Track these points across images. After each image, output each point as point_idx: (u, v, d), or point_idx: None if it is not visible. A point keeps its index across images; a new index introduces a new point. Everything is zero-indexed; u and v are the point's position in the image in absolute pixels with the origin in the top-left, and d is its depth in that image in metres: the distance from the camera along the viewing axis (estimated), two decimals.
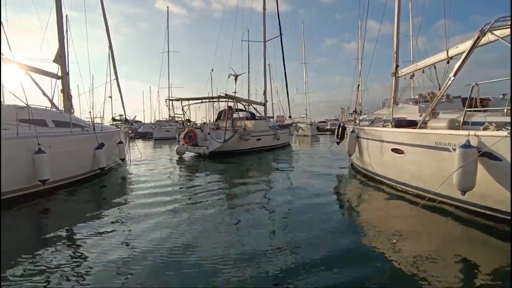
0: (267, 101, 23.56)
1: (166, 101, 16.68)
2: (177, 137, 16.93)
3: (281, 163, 13.38)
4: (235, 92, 20.99)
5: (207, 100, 18.37)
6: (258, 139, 17.62)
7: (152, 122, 46.00)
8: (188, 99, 17.48)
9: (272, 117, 24.69)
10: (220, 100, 17.83)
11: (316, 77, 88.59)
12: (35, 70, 9.22)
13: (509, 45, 4.70)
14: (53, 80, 10.06)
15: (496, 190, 4.48)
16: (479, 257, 3.68)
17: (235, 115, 17.82)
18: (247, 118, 18.73)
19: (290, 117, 25.34)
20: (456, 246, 4.03)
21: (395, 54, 10.76)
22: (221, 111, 19.37)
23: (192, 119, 20.44)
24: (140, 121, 52.13)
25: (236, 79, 22.95)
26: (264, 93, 23.46)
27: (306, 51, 50.59)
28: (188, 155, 15.68)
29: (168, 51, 36.47)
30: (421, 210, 5.38)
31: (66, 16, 13.52)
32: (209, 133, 15.53)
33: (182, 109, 17.49)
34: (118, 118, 42.58)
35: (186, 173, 10.85)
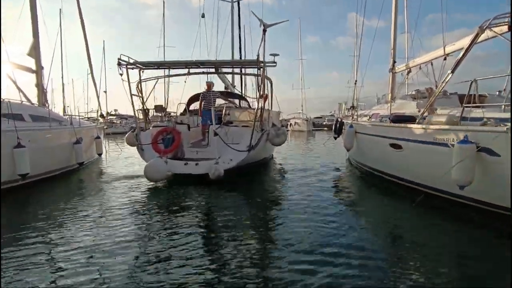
0: (235, 85, 16.26)
1: (118, 67, 8.35)
2: (137, 140, 8.65)
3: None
4: (274, 55, 9.72)
5: (213, 71, 10.58)
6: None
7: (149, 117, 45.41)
8: (168, 65, 9.40)
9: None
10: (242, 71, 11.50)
11: (305, 74, 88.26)
12: (14, 66, 9.04)
13: (509, 41, 4.76)
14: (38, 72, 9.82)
15: (494, 185, 4.56)
16: (476, 253, 3.74)
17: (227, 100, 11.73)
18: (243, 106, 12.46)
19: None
20: (453, 241, 4.10)
21: (392, 50, 10.84)
22: (195, 95, 11.44)
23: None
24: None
25: (264, 32, 11.71)
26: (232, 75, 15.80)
27: (291, 47, 49.73)
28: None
29: (164, 46, 35.74)
30: (418, 205, 5.45)
31: (60, 9, 13.23)
32: (216, 134, 8.26)
33: (138, 85, 9.04)
34: (113, 113, 42.05)
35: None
